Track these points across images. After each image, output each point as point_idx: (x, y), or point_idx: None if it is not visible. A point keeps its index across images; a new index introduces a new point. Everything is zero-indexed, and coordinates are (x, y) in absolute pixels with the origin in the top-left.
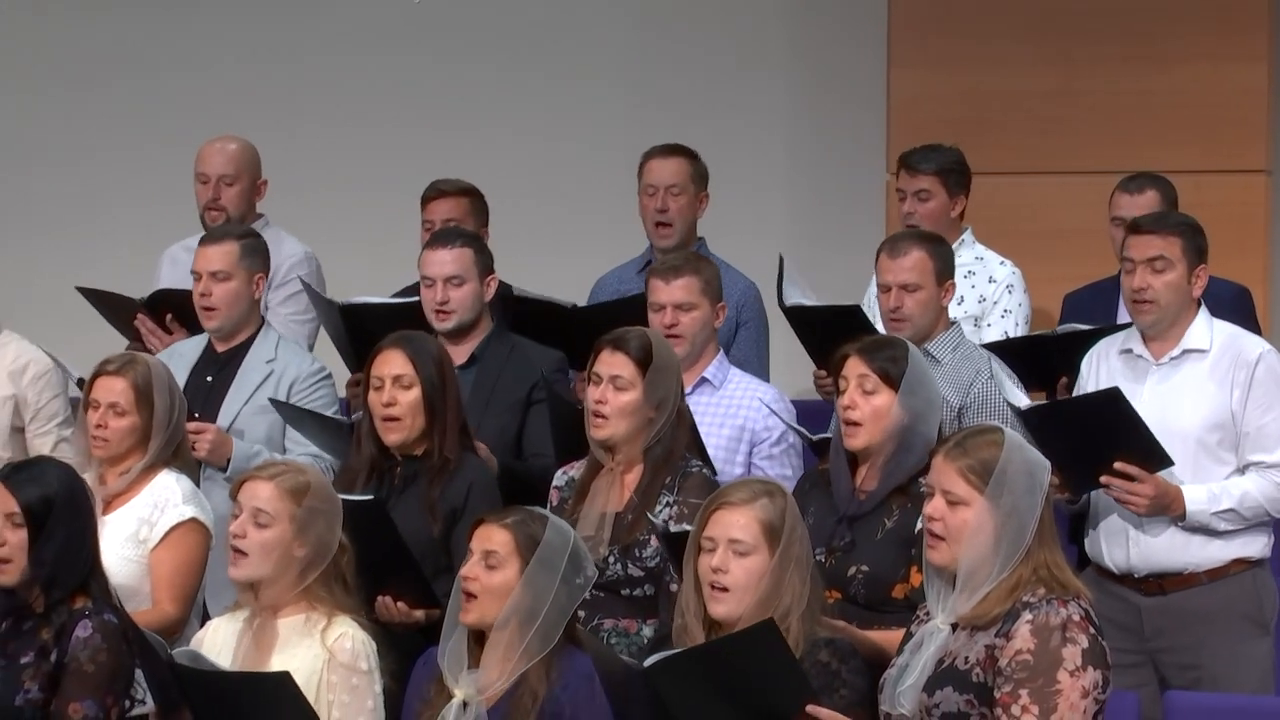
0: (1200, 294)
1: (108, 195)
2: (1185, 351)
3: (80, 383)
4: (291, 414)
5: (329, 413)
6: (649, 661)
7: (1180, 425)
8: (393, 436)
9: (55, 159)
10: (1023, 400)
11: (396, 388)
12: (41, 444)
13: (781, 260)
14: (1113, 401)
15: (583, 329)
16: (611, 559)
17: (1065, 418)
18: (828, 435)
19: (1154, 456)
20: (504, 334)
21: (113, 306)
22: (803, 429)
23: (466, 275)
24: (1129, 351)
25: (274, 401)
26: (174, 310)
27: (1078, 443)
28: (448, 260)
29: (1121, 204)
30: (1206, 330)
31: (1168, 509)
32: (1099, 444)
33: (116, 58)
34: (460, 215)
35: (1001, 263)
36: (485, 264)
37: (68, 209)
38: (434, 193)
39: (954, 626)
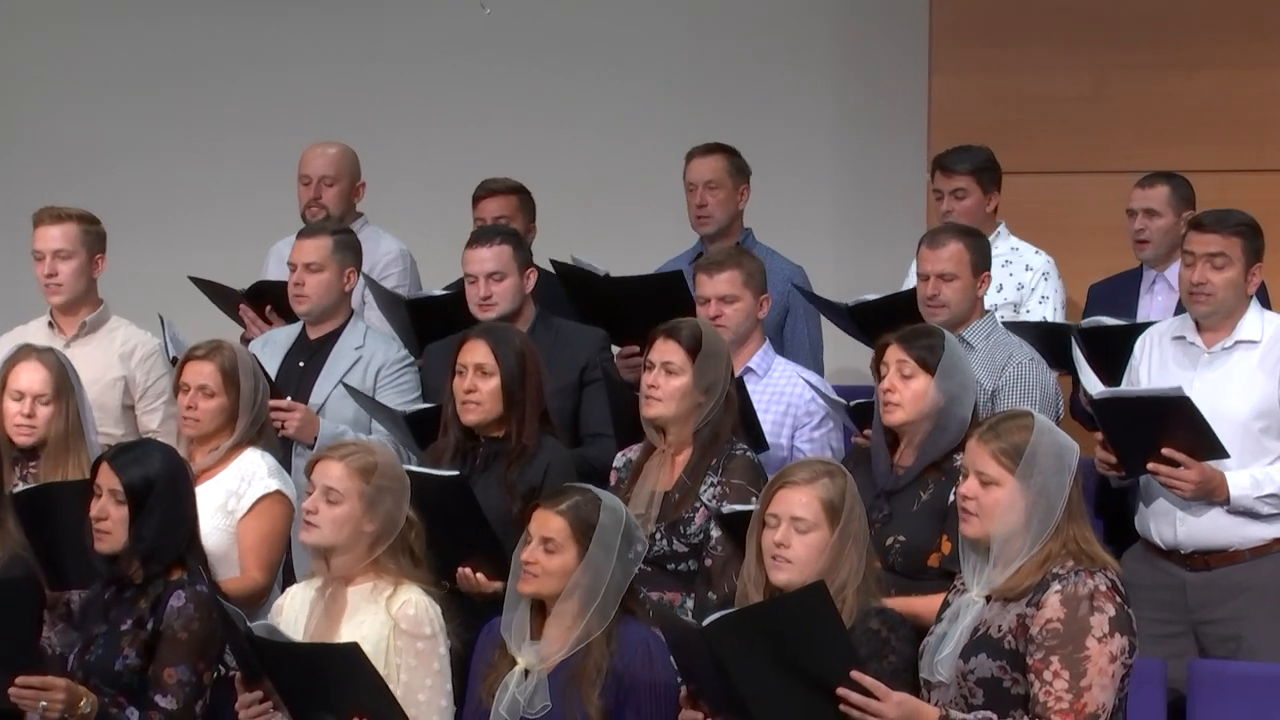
0: (1254, 290)
1: (209, 190)
2: (1237, 342)
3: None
4: (359, 398)
5: (411, 398)
6: (707, 620)
7: (1229, 412)
8: (470, 416)
9: (161, 156)
10: (1097, 387)
11: (478, 375)
12: (149, 420)
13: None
14: (1180, 404)
15: (619, 301)
16: (658, 535)
17: (1132, 408)
18: (863, 400)
19: (1211, 448)
20: (547, 320)
21: (220, 296)
22: (839, 398)
23: (506, 270)
24: (1182, 339)
25: (345, 385)
26: (273, 301)
27: (1138, 429)
28: (488, 257)
29: (1135, 196)
30: (1259, 322)
31: (1212, 494)
32: (1158, 432)
33: (220, 63)
34: (510, 212)
35: (1036, 252)
36: (524, 258)
37: (173, 203)
38: (484, 191)
39: (988, 598)
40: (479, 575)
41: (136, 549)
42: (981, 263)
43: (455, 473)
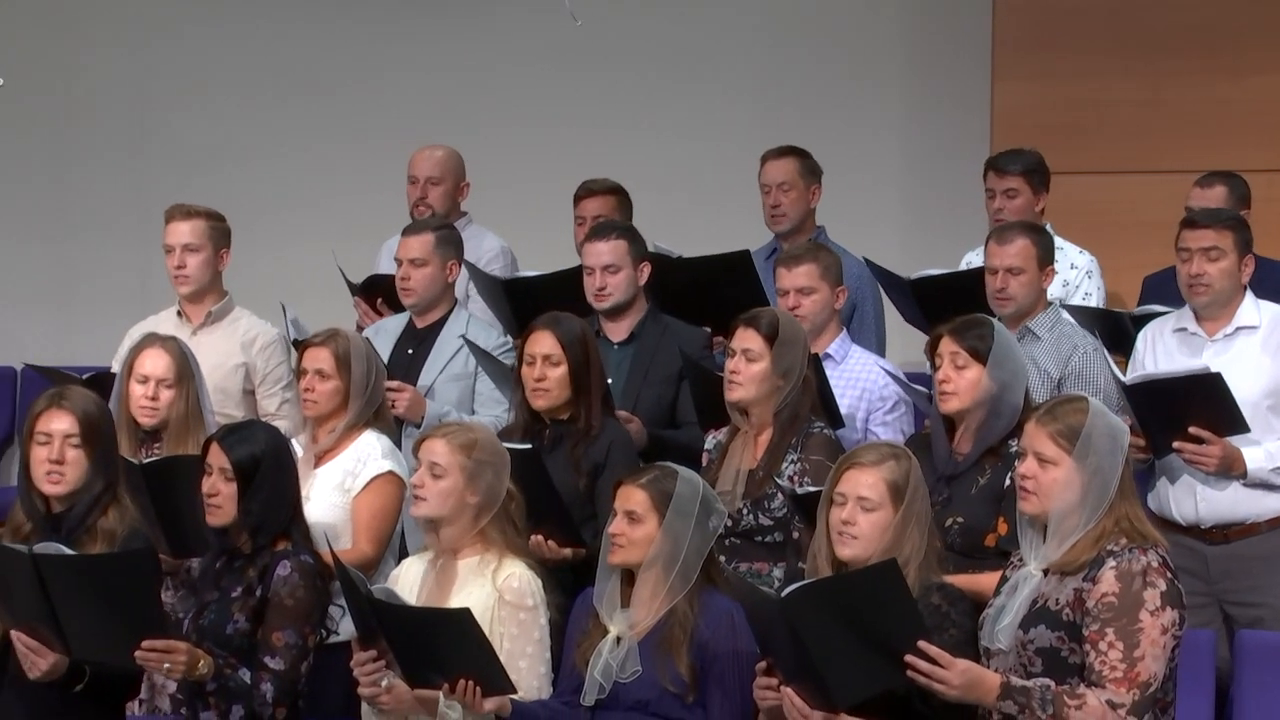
0: (1248, 280)
1: (326, 188)
2: (1238, 329)
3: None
4: (477, 352)
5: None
6: (785, 591)
7: (1240, 393)
8: (539, 403)
9: (282, 157)
10: (1122, 375)
11: (546, 365)
12: (268, 404)
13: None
14: (1210, 380)
15: (693, 282)
16: (745, 510)
17: (1162, 391)
18: None
19: (1233, 423)
20: (657, 315)
21: (347, 284)
22: (922, 388)
23: (621, 263)
24: (1183, 330)
25: (466, 339)
26: (383, 294)
27: (1166, 410)
28: (605, 250)
29: (1194, 196)
30: (1255, 309)
31: (1231, 469)
32: (1183, 412)
33: (336, 70)
34: (608, 211)
35: (1080, 252)
36: (638, 252)
37: (293, 201)
38: (584, 191)
39: (1045, 572)
40: (550, 542)
41: (244, 522)
42: (1046, 257)
43: (529, 445)
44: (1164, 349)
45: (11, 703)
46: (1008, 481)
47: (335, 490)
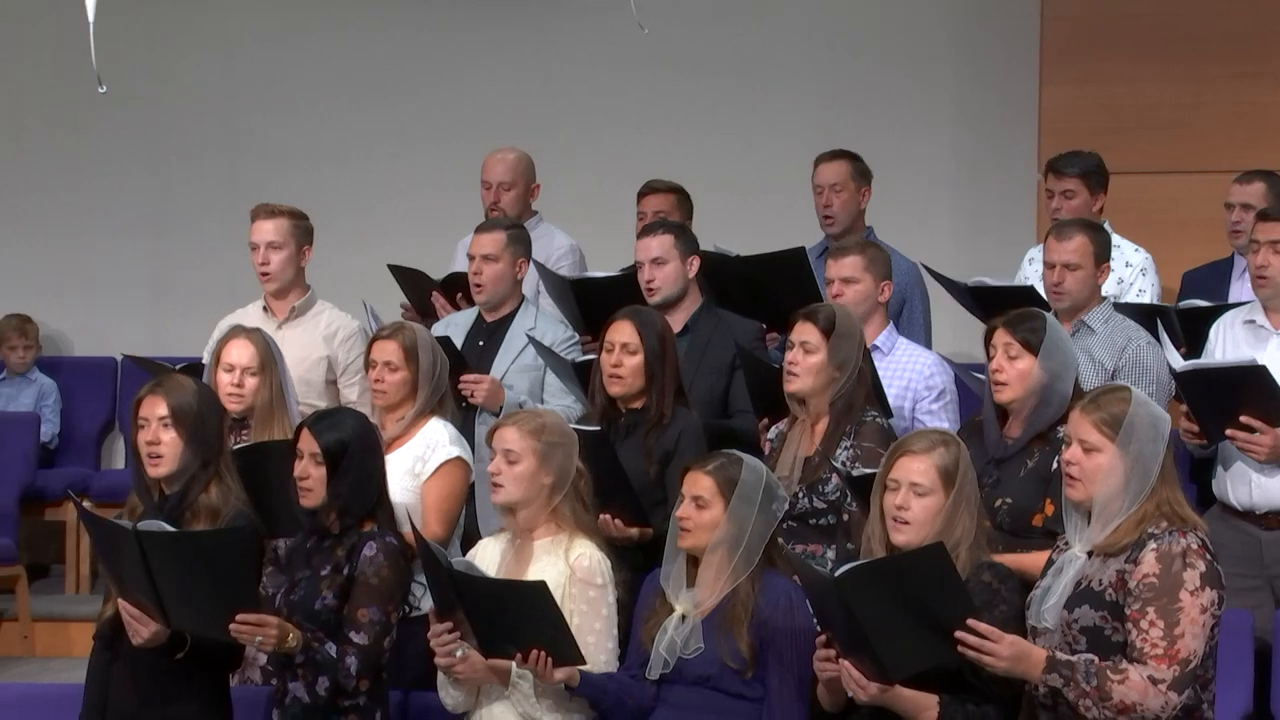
0: None
1: (404, 188)
2: None
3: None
4: (541, 349)
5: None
6: (839, 571)
7: None
8: (614, 389)
9: (362, 159)
10: (1179, 362)
11: (624, 353)
12: (349, 393)
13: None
14: (1257, 372)
15: (752, 279)
16: (801, 494)
17: (1212, 380)
18: None
19: None
20: (712, 308)
21: (413, 282)
22: (981, 376)
23: (668, 256)
24: (1252, 322)
25: (530, 337)
26: (464, 291)
27: (1218, 399)
28: (652, 245)
29: (1233, 192)
30: None
31: None
32: (1236, 401)
33: (413, 76)
34: (668, 208)
35: (1136, 250)
36: (686, 247)
37: (373, 200)
38: (647, 189)
39: (1089, 554)
40: (617, 521)
41: (334, 504)
42: (1102, 255)
43: (597, 428)
44: (1232, 340)
45: (123, 672)
46: (1055, 465)
47: (406, 475)
